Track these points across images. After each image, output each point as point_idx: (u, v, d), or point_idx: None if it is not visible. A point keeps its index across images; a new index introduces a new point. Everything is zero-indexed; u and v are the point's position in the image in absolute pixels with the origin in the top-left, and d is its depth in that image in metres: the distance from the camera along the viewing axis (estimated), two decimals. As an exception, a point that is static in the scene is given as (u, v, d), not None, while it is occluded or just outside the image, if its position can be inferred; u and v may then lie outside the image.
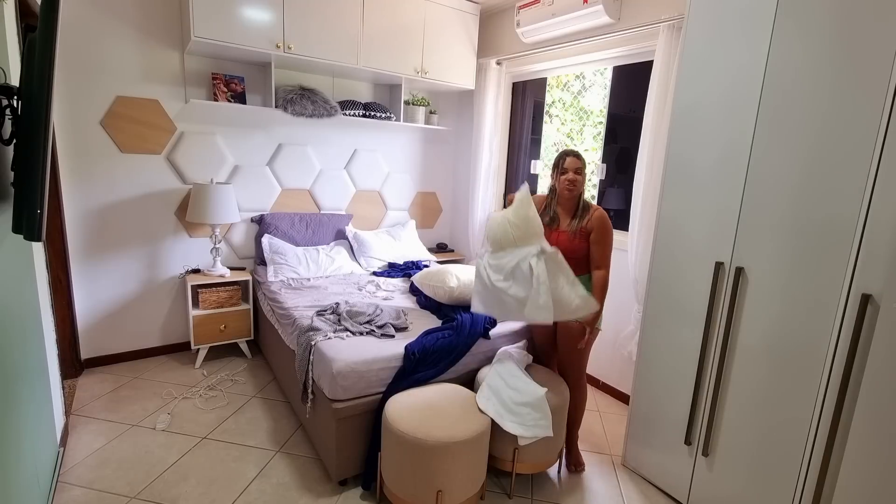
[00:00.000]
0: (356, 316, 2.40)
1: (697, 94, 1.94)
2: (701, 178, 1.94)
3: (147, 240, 3.03)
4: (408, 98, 3.78)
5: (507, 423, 1.92)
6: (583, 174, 2.14)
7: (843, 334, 1.53)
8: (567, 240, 2.14)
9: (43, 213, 1.13)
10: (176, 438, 2.32)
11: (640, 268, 2.68)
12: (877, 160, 1.43)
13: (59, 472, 2.00)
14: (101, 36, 2.70)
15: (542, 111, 3.72)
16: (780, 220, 1.69)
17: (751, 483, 1.82)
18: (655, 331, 2.15)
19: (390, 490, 1.87)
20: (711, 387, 1.93)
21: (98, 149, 2.80)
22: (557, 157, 2.17)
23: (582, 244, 2.13)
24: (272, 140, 3.38)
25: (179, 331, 3.23)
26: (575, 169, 2.11)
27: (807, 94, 1.60)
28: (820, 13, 1.56)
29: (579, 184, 2.12)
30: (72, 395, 2.63)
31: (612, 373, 3.06)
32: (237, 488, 2.01)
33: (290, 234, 3.38)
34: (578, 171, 2.11)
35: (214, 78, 3.01)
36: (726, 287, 1.86)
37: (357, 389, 1.99)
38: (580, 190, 2.15)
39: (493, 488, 2.12)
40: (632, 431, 2.30)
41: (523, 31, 3.29)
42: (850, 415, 1.51)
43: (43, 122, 1.10)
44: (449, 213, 4.45)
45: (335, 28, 3.04)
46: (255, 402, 2.70)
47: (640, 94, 2.76)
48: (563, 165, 2.13)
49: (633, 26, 2.73)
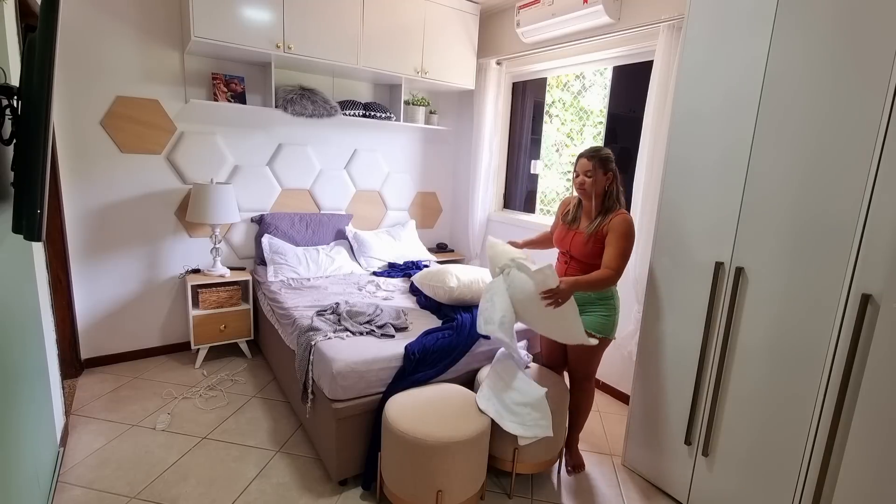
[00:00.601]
0: (356, 316, 2.40)
1: (697, 93, 1.94)
2: (701, 177, 1.94)
3: (147, 240, 3.03)
4: (408, 98, 3.78)
5: (507, 423, 1.92)
6: (597, 175, 2.02)
7: (843, 334, 1.53)
8: (581, 242, 2.09)
9: (43, 213, 1.13)
10: (176, 438, 2.32)
11: (640, 268, 2.68)
12: (877, 160, 1.43)
13: (59, 472, 2.00)
14: (101, 36, 2.70)
15: (542, 111, 3.72)
16: (780, 220, 1.69)
17: (751, 483, 1.82)
18: (655, 331, 2.15)
19: (390, 490, 1.88)
20: (711, 387, 1.93)
21: (98, 149, 2.80)
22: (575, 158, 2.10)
23: (595, 248, 2.04)
24: (272, 140, 3.38)
25: (179, 331, 3.23)
26: (584, 171, 2.03)
27: (807, 94, 1.60)
28: (820, 13, 1.56)
29: (589, 186, 2.04)
30: (72, 395, 2.63)
31: (612, 373, 3.06)
32: (237, 488, 2.01)
33: (290, 234, 3.38)
34: (588, 174, 2.03)
35: (214, 78, 3.01)
36: (726, 287, 1.86)
37: (357, 389, 1.99)
38: (591, 192, 2.05)
39: (493, 488, 2.12)
40: (632, 431, 2.30)
41: (523, 31, 3.29)
42: (850, 415, 1.51)
43: (43, 122, 1.10)
44: (449, 213, 4.45)
45: (335, 28, 3.04)
46: (255, 402, 2.70)
47: (640, 94, 2.76)
48: (575, 168, 2.08)
49: (633, 26, 2.73)
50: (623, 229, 1.98)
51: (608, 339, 2.14)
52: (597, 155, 2.03)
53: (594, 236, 2.05)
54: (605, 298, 2.11)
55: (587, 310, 2.10)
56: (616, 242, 1.98)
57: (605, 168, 2.03)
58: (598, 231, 2.04)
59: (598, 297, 2.11)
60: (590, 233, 2.06)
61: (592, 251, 2.05)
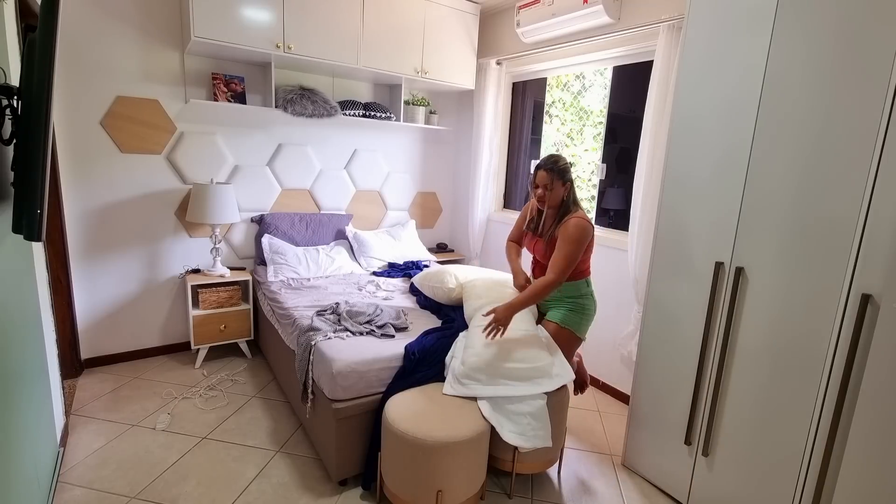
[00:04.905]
0: (356, 316, 2.40)
1: (697, 93, 1.94)
2: (701, 178, 1.93)
3: (147, 240, 3.03)
4: (408, 98, 3.78)
5: (507, 432, 1.91)
6: (555, 186, 2.08)
7: (843, 334, 1.53)
8: (543, 248, 2.20)
9: (43, 213, 1.13)
10: (176, 438, 2.32)
11: (640, 268, 2.68)
12: (877, 160, 1.43)
13: (59, 472, 2.00)
14: (101, 36, 2.70)
15: (542, 111, 3.72)
16: (780, 219, 1.69)
17: (751, 483, 1.82)
18: (655, 331, 2.15)
19: (390, 490, 1.88)
20: (711, 387, 1.93)
21: (98, 149, 2.80)
22: (534, 168, 2.14)
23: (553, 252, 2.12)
24: (272, 140, 3.38)
25: (179, 331, 3.23)
26: (543, 184, 2.09)
27: (807, 94, 1.60)
28: (820, 13, 1.56)
29: (548, 198, 2.10)
30: (72, 395, 2.63)
31: (612, 373, 3.06)
32: (237, 488, 2.01)
33: (290, 234, 3.38)
34: (546, 186, 2.08)
35: (214, 78, 3.01)
36: (726, 287, 1.86)
37: (357, 389, 1.99)
38: (551, 203, 2.11)
39: (493, 488, 2.12)
40: (632, 431, 2.30)
41: (523, 31, 3.29)
42: (850, 415, 1.51)
43: (43, 122, 1.10)
44: (449, 213, 4.46)
45: (335, 28, 3.04)
46: (255, 402, 2.70)
47: (640, 94, 2.76)
48: (535, 179, 2.13)
49: (633, 26, 2.73)
50: (571, 233, 2.04)
51: (575, 335, 2.19)
52: (555, 167, 2.08)
53: (551, 242, 2.14)
54: (573, 297, 2.19)
55: (552, 306, 2.23)
56: (562, 247, 2.05)
57: (563, 179, 2.09)
58: (553, 236, 2.13)
59: (564, 295, 2.21)
60: (547, 239, 2.17)
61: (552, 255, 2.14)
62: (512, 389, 1.94)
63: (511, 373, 1.96)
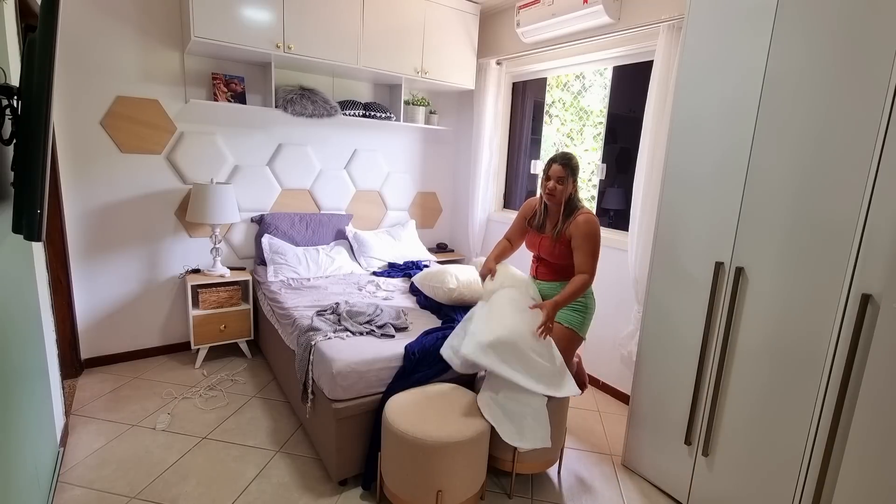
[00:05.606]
0: (356, 316, 2.40)
1: (697, 93, 1.94)
2: (701, 177, 1.94)
3: (147, 240, 3.03)
4: (408, 98, 3.78)
5: (506, 433, 1.90)
6: (568, 183, 2.07)
7: (843, 334, 1.53)
8: (549, 245, 2.17)
9: (43, 213, 1.13)
10: (176, 438, 2.32)
11: (640, 268, 2.68)
12: (877, 160, 1.43)
13: (59, 472, 2.00)
14: (101, 36, 2.70)
15: (542, 111, 3.72)
16: (780, 219, 1.69)
17: (751, 483, 1.82)
18: (655, 331, 2.15)
19: (390, 490, 1.88)
20: (711, 387, 1.93)
21: (98, 149, 2.80)
22: (547, 162, 2.13)
23: (563, 250, 2.12)
24: (272, 140, 3.38)
25: (179, 331, 3.23)
26: (557, 178, 2.07)
27: (807, 94, 1.60)
28: (820, 14, 1.56)
29: (559, 193, 2.08)
30: (72, 395, 2.63)
31: (612, 373, 3.06)
32: (237, 488, 2.01)
33: (290, 234, 3.38)
34: (560, 181, 2.07)
35: (214, 78, 3.01)
36: (726, 287, 1.86)
37: (357, 389, 1.99)
38: (561, 199, 2.10)
39: (493, 488, 2.12)
40: (632, 431, 2.30)
41: (523, 31, 3.29)
42: (850, 415, 1.51)
43: (43, 122, 1.10)
44: (449, 213, 4.46)
45: (335, 28, 3.04)
46: (255, 402, 2.70)
47: (640, 94, 2.76)
48: (548, 172, 2.11)
49: (632, 26, 2.73)
50: (587, 230, 2.05)
51: (577, 335, 2.18)
52: (570, 163, 2.08)
53: (559, 239, 2.12)
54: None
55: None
56: (584, 245, 2.06)
57: (574, 176, 2.10)
58: (563, 233, 2.11)
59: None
60: (556, 236, 2.13)
61: (560, 253, 2.14)
62: (524, 380, 1.90)
63: (531, 363, 1.92)
